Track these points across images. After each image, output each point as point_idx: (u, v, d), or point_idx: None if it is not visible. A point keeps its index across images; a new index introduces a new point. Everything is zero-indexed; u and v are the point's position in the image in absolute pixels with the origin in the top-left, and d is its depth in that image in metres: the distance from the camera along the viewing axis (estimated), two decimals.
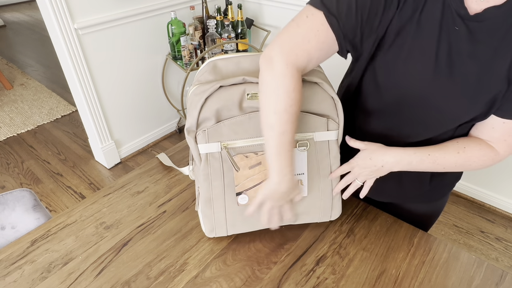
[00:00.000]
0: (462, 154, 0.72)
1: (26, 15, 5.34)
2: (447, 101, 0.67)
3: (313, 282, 0.75)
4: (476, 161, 0.72)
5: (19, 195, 0.94)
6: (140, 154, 2.47)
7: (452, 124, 0.72)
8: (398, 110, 0.73)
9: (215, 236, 0.82)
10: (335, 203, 0.83)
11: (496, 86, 0.63)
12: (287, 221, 0.81)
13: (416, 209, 0.92)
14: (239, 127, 0.72)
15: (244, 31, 2.33)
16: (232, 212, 0.78)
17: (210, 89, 0.70)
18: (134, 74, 2.25)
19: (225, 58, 0.76)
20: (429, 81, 0.66)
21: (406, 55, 0.65)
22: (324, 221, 0.86)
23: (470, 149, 0.72)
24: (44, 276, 0.76)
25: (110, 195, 0.97)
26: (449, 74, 0.64)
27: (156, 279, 0.76)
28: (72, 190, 2.18)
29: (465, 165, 0.73)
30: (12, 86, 3.31)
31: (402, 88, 0.69)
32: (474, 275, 0.76)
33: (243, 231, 0.82)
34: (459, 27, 0.62)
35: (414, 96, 0.69)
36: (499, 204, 1.97)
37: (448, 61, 0.64)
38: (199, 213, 0.83)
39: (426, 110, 0.70)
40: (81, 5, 1.85)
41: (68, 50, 1.88)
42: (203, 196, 0.78)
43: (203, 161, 0.74)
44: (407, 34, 0.64)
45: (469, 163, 0.72)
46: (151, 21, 2.19)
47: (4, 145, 2.57)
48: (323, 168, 0.78)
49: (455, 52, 0.63)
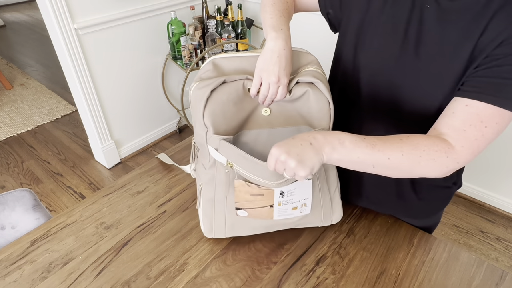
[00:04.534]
0: (406, 140, 0.61)
1: (26, 15, 5.34)
2: (412, 81, 0.68)
3: (313, 282, 0.75)
4: (425, 150, 0.60)
5: (19, 195, 0.94)
6: (140, 154, 2.47)
7: (423, 113, 0.70)
8: (371, 94, 0.74)
9: (213, 237, 0.81)
10: (335, 207, 0.83)
11: (460, 68, 0.63)
12: (280, 98, 0.70)
13: (411, 223, 0.91)
14: (250, 165, 0.67)
15: (244, 31, 2.33)
16: (231, 218, 0.78)
17: (214, 82, 0.69)
18: (134, 74, 2.25)
19: (227, 57, 0.76)
20: (395, 58, 0.68)
21: (378, 31, 0.69)
22: (326, 225, 0.85)
23: (415, 136, 0.62)
24: (44, 276, 0.76)
25: (110, 195, 0.97)
26: (415, 52, 0.66)
27: (156, 279, 0.76)
28: (72, 190, 2.18)
29: (413, 155, 0.60)
30: (12, 86, 3.31)
31: (372, 65, 0.72)
32: (474, 275, 0.76)
33: (242, 234, 0.82)
34: (431, 5, 0.63)
35: (383, 75, 0.71)
36: (499, 204, 1.97)
37: (416, 40, 0.65)
38: (200, 212, 0.83)
39: (394, 94, 0.71)
40: (81, 5, 1.85)
41: (68, 50, 1.88)
42: (205, 195, 0.77)
43: (211, 161, 0.73)
44: (381, 11, 0.68)
45: (418, 152, 0.60)
46: (151, 21, 2.19)
47: (4, 145, 2.57)
48: (321, 180, 0.78)
49: (425, 32, 0.64)
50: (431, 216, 0.90)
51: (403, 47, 0.67)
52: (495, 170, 1.92)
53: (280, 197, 0.74)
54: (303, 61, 0.77)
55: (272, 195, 0.73)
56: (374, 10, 0.71)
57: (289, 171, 0.60)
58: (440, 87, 0.66)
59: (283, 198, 0.74)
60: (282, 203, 0.75)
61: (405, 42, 0.67)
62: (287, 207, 0.76)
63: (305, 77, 0.71)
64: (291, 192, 0.74)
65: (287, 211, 0.76)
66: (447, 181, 0.81)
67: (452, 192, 0.85)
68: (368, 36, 0.72)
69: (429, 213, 0.88)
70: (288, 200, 0.75)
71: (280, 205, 0.75)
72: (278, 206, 0.75)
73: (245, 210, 0.75)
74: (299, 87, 0.71)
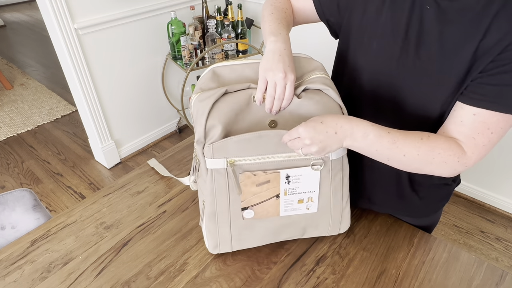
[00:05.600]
0: (426, 141, 0.64)
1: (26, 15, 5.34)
2: (413, 82, 0.68)
3: (313, 282, 0.75)
4: (441, 153, 0.64)
5: (19, 195, 0.94)
6: (140, 154, 2.47)
7: (425, 115, 0.70)
8: (373, 96, 0.74)
9: (219, 252, 0.79)
10: (345, 216, 0.81)
11: (462, 69, 0.62)
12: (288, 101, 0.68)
13: (411, 222, 0.91)
14: (248, 144, 0.68)
15: (244, 31, 2.33)
16: (237, 227, 0.76)
17: (216, 94, 0.67)
18: (134, 74, 2.25)
19: (228, 65, 0.74)
20: (396, 59, 0.68)
21: (378, 32, 0.69)
22: (333, 234, 0.84)
23: (435, 138, 0.65)
24: (44, 276, 0.76)
25: (110, 195, 0.97)
26: (416, 53, 0.66)
27: (156, 279, 0.76)
28: (72, 190, 2.18)
29: (428, 156, 0.64)
30: (12, 86, 3.31)
31: (373, 67, 0.72)
32: (474, 275, 0.76)
33: (249, 246, 0.79)
34: (430, 6, 0.63)
35: (383, 76, 0.71)
36: (499, 204, 1.97)
37: (417, 41, 0.65)
38: (203, 228, 0.80)
39: (396, 95, 0.71)
40: (81, 5, 1.85)
41: (68, 50, 1.88)
42: (207, 210, 0.74)
43: (209, 176, 0.71)
44: (380, 13, 0.68)
45: (433, 154, 0.64)
46: (151, 21, 2.19)
47: (4, 145, 2.57)
48: (336, 185, 0.76)
49: (425, 32, 0.64)
50: (431, 215, 0.90)
51: (403, 48, 0.67)
52: (495, 170, 1.92)
53: (286, 184, 0.73)
54: (307, 67, 0.75)
55: (278, 181, 0.72)
56: (371, 12, 0.71)
57: (306, 151, 0.65)
58: (441, 87, 0.66)
59: (289, 185, 0.73)
60: (288, 192, 0.74)
61: (406, 43, 0.67)
62: (293, 199, 0.75)
63: (314, 84, 0.69)
64: (297, 179, 0.73)
65: (293, 204, 0.76)
66: (447, 179, 0.81)
67: (451, 190, 0.85)
68: (367, 37, 0.72)
69: (429, 212, 0.88)
70: (294, 188, 0.74)
71: (286, 194, 0.74)
72: (284, 196, 0.74)
73: (252, 208, 0.74)
74: (307, 94, 0.69)
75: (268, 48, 0.71)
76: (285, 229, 0.79)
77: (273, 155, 0.70)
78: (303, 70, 0.75)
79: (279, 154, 0.70)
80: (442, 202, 0.87)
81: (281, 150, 0.70)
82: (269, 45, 0.71)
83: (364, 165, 0.83)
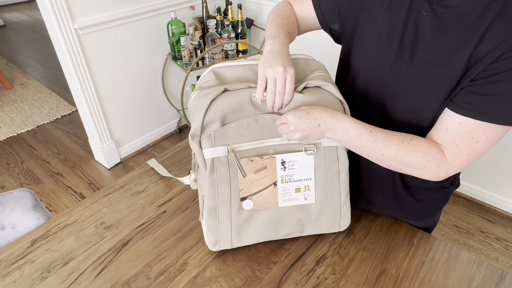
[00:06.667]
0: (407, 144, 0.66)
1: (26, 15, 5.34)
2: (406, 88, 0.68)
3: (313, 282, 0.75)
4: (419, 157, 0.65)
5: (19, 195, 0.94)
6: (140, 154, 2.47)
7: (417, 121, 0.70)
8: (367, 99, 0.75)
9: (219, 249, 0.79)
10: (344, 213, 0.80)
11: (455, 76, 0.62)
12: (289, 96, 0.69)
13: (410, 223, 0.91)
14: (246, 129, 0.71)
15: (244, 31, 2.33)
16: (237, 222, 0.76)
17: (215, 91, 0.68)
18: (134, 74, 2.25)
19: (229, 66, 0.75)
20: (390, 64, 0.68)
21: (374, 36, 0.70)
22: (333, 232, 0.84)
23: (417, 142, 0.66)
24: (44, 276, 0.77)
25: (110, 195, 0.97)
26: (410, 60, 0.66)
27: (156, 279, 0.76)
28: (72, 190, 2.18)
29: (405, 159, 0.66)
30: (12, 86, 3.31)
31: (368, 70, 0.73)
32: (474, 275, 0.76)
33: (248, 242, 0.79)
34: (427, 13, 0.63)
35: (377, 81, 0.72)
36: (499, 204, 1.97)
37: (412, 47, 0.65)
38: (203, 225, 0.81)
39: (389, 100, 0.71)
40: (81, 5, 1.85)
41: (68, 50, 1.88)
42: (207, 204, 0.75)
43: (209, 167, 0.72)
44: (377, 17, 0.69)
45: (411, 158, 0.66)
46: (151, 21, 2.20)
47: (4, 145, 2.57)
48: (331, 174, 0.77)
49: (420, 39, 0.64)
50: (430, 217, 0.90)
51: (398, 54, 0.67)
52: (495, 170, 1.92)
53: (282, 170, 0.75)
54: (308, 68, 0.76)
55: (275, 166, 0.74)
56: (369, 15, 0.71)
57: (290, 137, 0.70)
58: (434, 94, 0.65)
59: (285, 172, 0.75)
60: (284, 179, 0.75)
61: (401, 49, 0.67)
62: (291, 187, 0.76)
63: (314, 81, 0.71)
64: (292, 164, 0.75)
65: (291, 194, 0.76)
66: (444, 182, 0.81)
67: (449, 193, 0.85)
68: (365, 41, 0.72)
69: (427, 214, 0.88)
70: (290, 175, 0.75)
71: (283, 181, 0.75)
72: (282, 184, 0.75)
73: (250, 198, 0.75)
74: (308, 91, 0.71)
75: (266, 49, 0.72)
76: (284, 222, 0.79)
77: (269, 140, 0.73)
78: (305, 71, 0.76)
79: (274, 139, 0.73)
80: (440, 204, 0.87)
81: (276, 134, 0.73)
82: (267, 47, 0.73)
83: (360, 166, 0.83)
